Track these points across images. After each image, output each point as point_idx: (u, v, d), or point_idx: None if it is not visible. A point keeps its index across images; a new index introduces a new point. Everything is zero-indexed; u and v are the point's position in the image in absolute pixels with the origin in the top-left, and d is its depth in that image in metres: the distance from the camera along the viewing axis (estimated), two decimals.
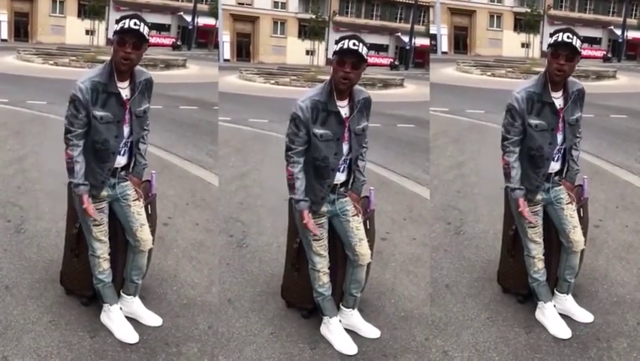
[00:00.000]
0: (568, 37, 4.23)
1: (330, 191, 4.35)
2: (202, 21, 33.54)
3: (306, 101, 4.19)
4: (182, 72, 24.33)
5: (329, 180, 4.30)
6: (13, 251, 5.49)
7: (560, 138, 4.45)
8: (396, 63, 34.82)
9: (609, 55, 35.75)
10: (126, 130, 4.29)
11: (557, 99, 4.38)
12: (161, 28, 33.73)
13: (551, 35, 4.28)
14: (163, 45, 31.40)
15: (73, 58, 23.02)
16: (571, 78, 4.42)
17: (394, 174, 8.54)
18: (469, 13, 35.49)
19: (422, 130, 10.53)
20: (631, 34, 35.60)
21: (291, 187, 4.28)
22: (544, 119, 4.37)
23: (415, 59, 34.40)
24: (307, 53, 34.21)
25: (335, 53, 4.13)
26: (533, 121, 4.36)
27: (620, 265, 5.58)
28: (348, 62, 4.12)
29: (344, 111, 4.26)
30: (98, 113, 4.16)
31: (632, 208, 7.04)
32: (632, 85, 23.11)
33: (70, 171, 4.22)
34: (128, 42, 4.11)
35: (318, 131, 4.21)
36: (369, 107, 4.37)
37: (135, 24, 4.10)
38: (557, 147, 4.46)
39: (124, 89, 4.22)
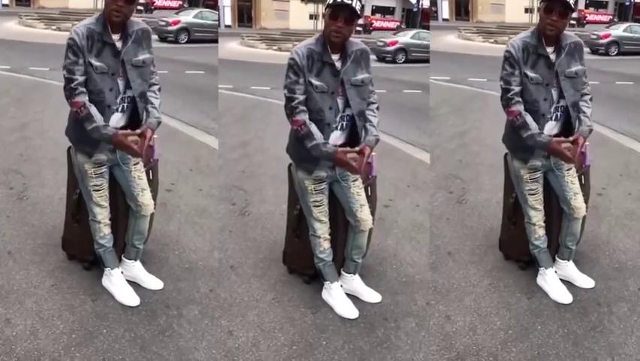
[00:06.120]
0: None
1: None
2: None
3: (302, 49, 4.11)
4: None
5: (324, 136, 4.16)
6: (15, 218, 5.51)
7: (555, 94, 4.34)
8: (402, 26, 34.36)
9: (616, 19, 35.36)
10: (121, 83, 4.20)
11: (552, 53, 4.30)
12: None
13: None
14: (170, 7, 31.10)
15: (77, 23, 22.79)
16: (565, 32, 4.33)
17: (399, 140, 8.53)
18: None
19: (428, 96, 10.49)
20: None
21: (308, 135, 4.09)
22: (539, 72, 4.27)
23: (422, 22, 33.82)
24: (311, 17, 33.73)
25: (328, 5, 4.05)
26: (529, 73, 4.27)
27: (622, 232, 5.58)
28: (341, 17, 4.04)
29: (338, 64, 4.17)
30: (94, 62, 4.08)
31: (636, 176, 7.04)
32: None
33: (87, 117, 4.02)
34: None
35: (315, 81, 4.11)
36: (367, 58, 4.28)
37: None
38: (554, 105, 4.36)
39: (117, 41, 4.15)
